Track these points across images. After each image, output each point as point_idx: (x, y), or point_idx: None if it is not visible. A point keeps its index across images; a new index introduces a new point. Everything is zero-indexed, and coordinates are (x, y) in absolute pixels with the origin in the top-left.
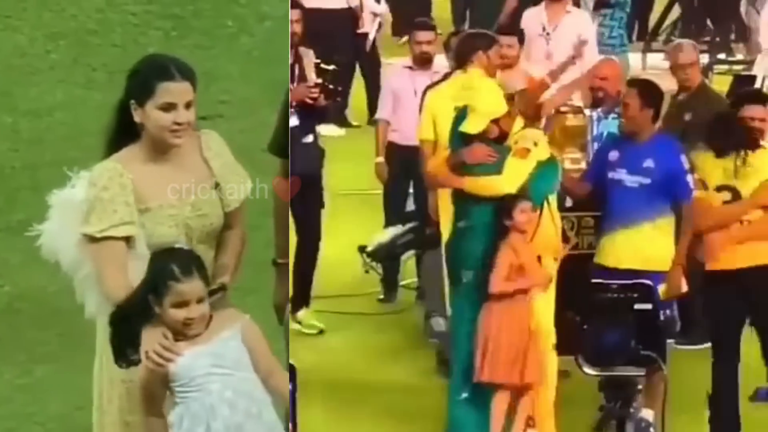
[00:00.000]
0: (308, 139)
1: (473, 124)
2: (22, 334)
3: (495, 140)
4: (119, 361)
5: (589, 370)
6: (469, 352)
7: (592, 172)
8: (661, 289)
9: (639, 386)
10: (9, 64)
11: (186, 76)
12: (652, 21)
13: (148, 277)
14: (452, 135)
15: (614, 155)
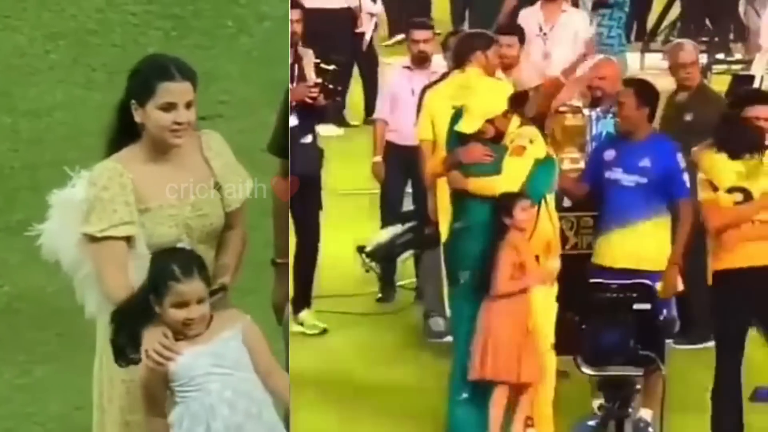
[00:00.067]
0: (307, 140)
1: (469, 124)
2: (22, 334)
3: (491, 140)
4: (119, 359)
5: (588, 370)
6: (468, 352)
7: (589, 172)
8: (658, 287)
9: (638, 386)
10: (8, 64)
11: (186, 76)
12: (650, 21)
13: (149, 276)
14: (449, 135)
15: (610, 155)
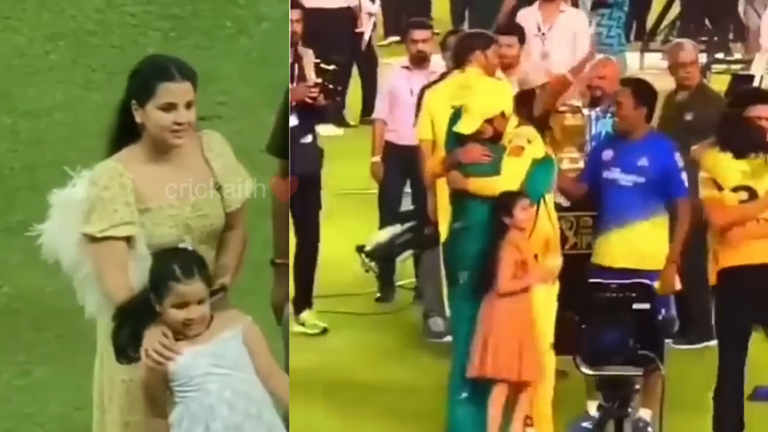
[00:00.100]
0: (307, 140)
1: (467, 125)
2: (21, 335)
3: (490, 140)
4: (120, 357)
5: (587, 370)
6: (468, 351)
7: (587, 172)
8: (655, 286)
9: (637, 386)
10: (8, 64)
11: (186, 77)
12: (650, 21)
13: (150, 276)
14: (448, 135)
15: (608, 154)
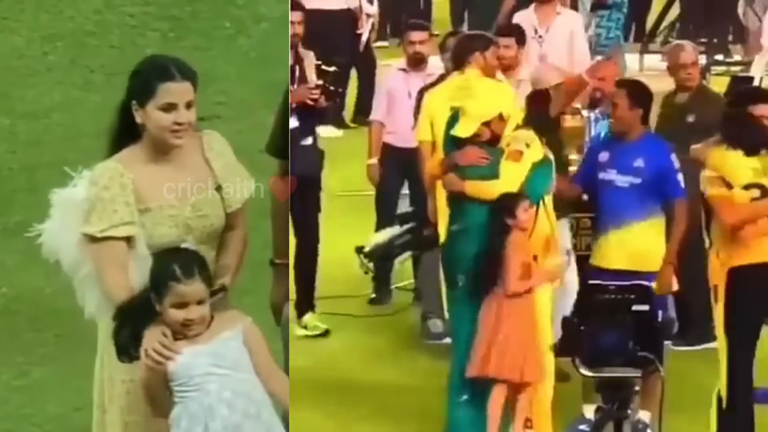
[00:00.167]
0: (308, 141)
1: (464, 128)
2: (20, 336)
3: (487, 142)
4: (121, 356)
5: (587, 372)
6: (469, 353)
7: (581, 173)
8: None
9: (636, 388)
10: (6, 65)
11: (186, 77)
12: (649, 22)
13: (151, 275)
14: (445, 138)
15: (604, 156)
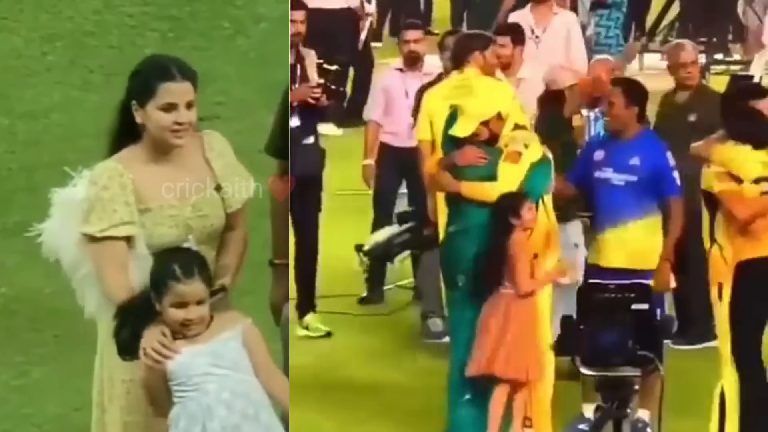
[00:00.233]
0: (309, 140)
1: (463, 128)
2: (19, 336)
3: (486, 142)
4: (122, 354)
5: (586, 371)
6: (469, 354)
7: (576, 172)
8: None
9: (636, 387)
10: (5, 65)
11: (187, 77)
12: (648, 22)
13: (151, 275)
14: (444, 137)
15: (600, 155)
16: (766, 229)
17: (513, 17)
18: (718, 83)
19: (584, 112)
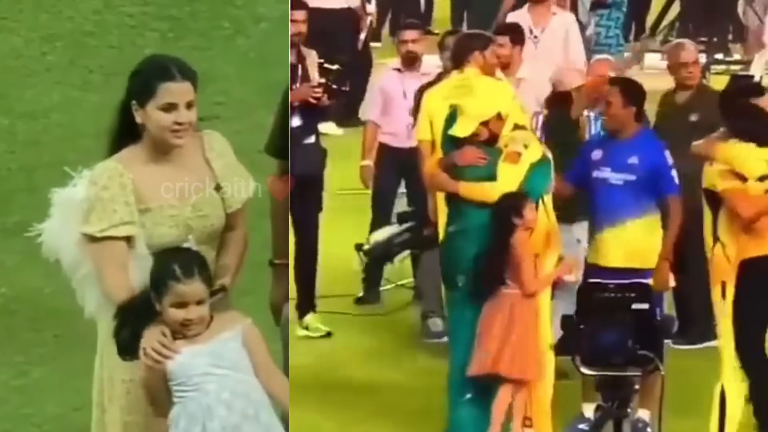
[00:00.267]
0: (310, 140)
1: (462, 128)
2: (18, 336)
3: (485, 142)
4: (122, 354)
5: (586, 370)
6: (469, 354)
7: (574, 172)
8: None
9: (636, 386)
10: (5, 65)
11: (187, 76)
12: (648, 21)
13: (151, 274)
14: (443, 137)
15: (597, 154)
16: None
17: (511, 17)
18: (719, 83)
19: (584, 112)
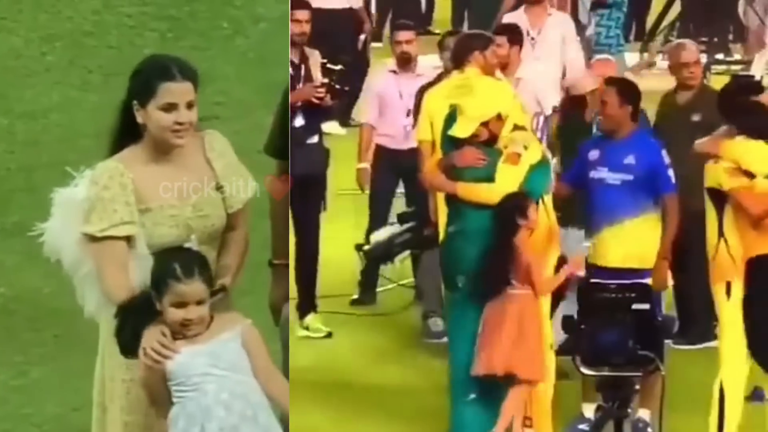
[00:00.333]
0: (313, 140)
1: (462, 128)
2: (18, 336)
3: (485, 143)
4: (124, 353)
5: (587, 371)
6: (470, 354)
7: (572, 173)
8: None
9: (636, 386)
10: (4, 66)
11: (187, 76)
12: (649, 22)
13: (152, 274)
14: (443, 138)
15: (594, 154)
16: None
17: (507, 18)
18: (719, 83)
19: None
